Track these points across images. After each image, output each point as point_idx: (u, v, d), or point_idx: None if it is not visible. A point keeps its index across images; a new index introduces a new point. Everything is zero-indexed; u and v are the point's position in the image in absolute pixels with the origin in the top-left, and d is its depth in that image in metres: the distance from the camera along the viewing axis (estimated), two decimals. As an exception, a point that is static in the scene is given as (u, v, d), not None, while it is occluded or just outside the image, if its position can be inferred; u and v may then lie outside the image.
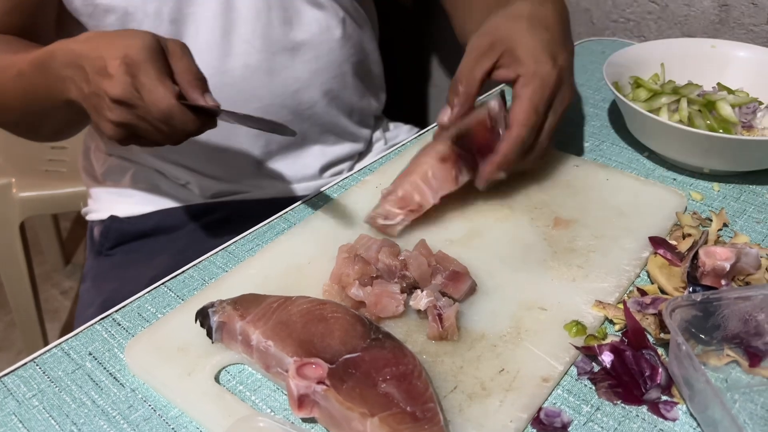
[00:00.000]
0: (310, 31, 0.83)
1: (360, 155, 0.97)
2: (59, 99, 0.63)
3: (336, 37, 0.85)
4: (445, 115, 0.65)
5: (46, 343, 1.50)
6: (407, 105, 1.57)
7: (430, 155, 0.63)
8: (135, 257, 0.86)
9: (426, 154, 0.64)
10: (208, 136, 0.85)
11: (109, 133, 0.59)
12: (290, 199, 0.74)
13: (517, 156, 0.62)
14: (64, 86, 0.61)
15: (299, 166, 0.90)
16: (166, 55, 0.58)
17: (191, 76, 0.58)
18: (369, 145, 0.98)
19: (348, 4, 0.87)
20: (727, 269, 0.54)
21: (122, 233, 0.87)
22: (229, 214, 0.88)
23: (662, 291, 0.56)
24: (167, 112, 0.55)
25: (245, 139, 0.86)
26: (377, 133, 1.00)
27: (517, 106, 0.62)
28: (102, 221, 0.89)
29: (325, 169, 0.93)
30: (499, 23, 0.65)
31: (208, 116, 0.59)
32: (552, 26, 0.65)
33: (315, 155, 0.91)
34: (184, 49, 0.59)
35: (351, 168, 0.95)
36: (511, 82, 0.64)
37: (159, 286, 0.59)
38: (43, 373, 0.51)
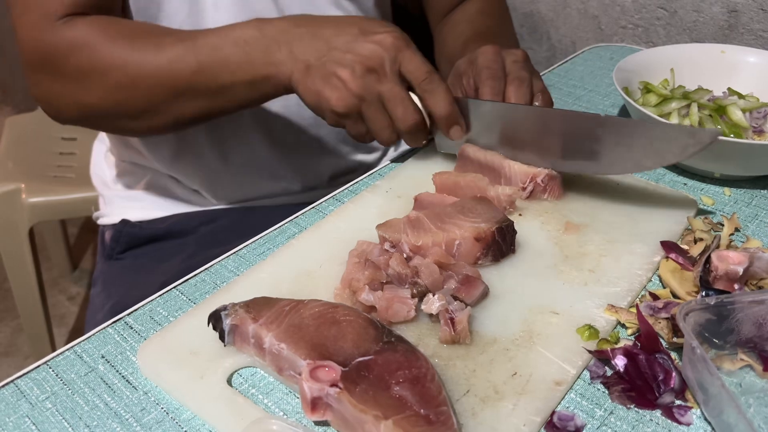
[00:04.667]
0: None
1: (370, 166, 0.97)
2: (258, 72, 0.65)
3: None
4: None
5: (53, 349, 1.51)
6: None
7: (465, 228, 0.58)
8: (145, 261, 0.86)
9: (461, 218, 0.59)
10: (221, 142, 0.85)
11: (337, 104, 0.63)
12: (300, 206, 0.74)
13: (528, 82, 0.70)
14: (276, 56, 0.64)
15: (312, 175, 0.90)
16: None
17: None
18: (381, 157, 0.98)
19: (376, 15, 0.88)
20: (740, 273, 0.53)
21: (133, 237, 0.87)
22: (240, 220, 0.88)
23: (674, 295, 0.55)
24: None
25: (258, 146, 0.86)
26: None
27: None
28: (113, 225, 0.89)
29: (335, 177, 0.93)
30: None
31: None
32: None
33: (328, 164, 0.91)
34: None
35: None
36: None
37: (171, 289, 0.59)
38: (56, 375, 0.51)
